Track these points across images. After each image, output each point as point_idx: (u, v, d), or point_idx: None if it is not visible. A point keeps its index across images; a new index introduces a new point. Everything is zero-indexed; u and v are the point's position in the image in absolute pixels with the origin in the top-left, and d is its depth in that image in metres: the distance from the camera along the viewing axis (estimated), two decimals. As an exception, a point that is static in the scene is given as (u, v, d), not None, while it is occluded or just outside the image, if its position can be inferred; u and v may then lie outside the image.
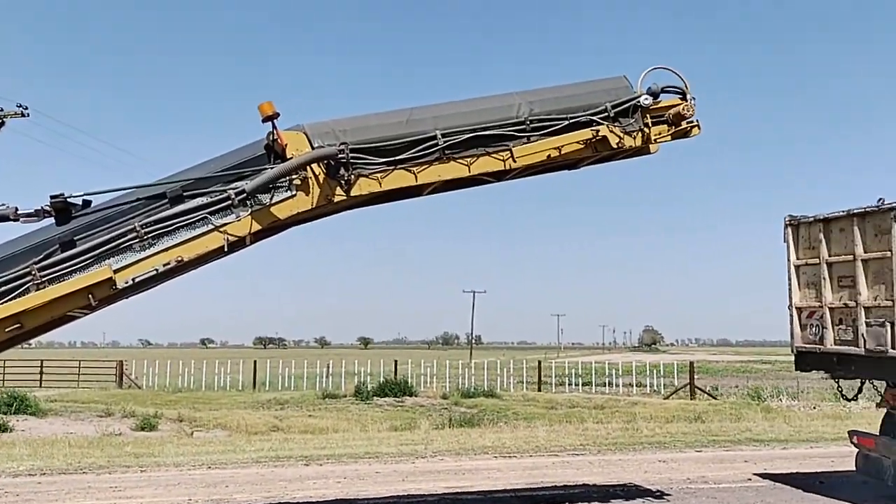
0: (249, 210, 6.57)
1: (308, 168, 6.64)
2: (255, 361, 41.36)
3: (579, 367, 42.98)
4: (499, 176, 7.42)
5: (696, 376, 32.39)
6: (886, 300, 8.17)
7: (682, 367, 37.84)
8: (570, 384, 38.15)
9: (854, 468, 9.61)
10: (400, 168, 6.88)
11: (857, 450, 9.46)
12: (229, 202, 6.49)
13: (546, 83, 8.28)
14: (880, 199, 8.37)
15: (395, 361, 39.23)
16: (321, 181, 6.71)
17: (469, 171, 7.04)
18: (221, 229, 6.49)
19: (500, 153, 7.03)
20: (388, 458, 12.89)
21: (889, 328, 8.10)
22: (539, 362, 41.36)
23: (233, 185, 6.55)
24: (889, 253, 8.12)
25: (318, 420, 22.79)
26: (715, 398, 28.53)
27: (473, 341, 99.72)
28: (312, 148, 6.69)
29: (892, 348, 8.07)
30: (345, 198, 6.80)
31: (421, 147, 6.88)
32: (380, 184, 6.85)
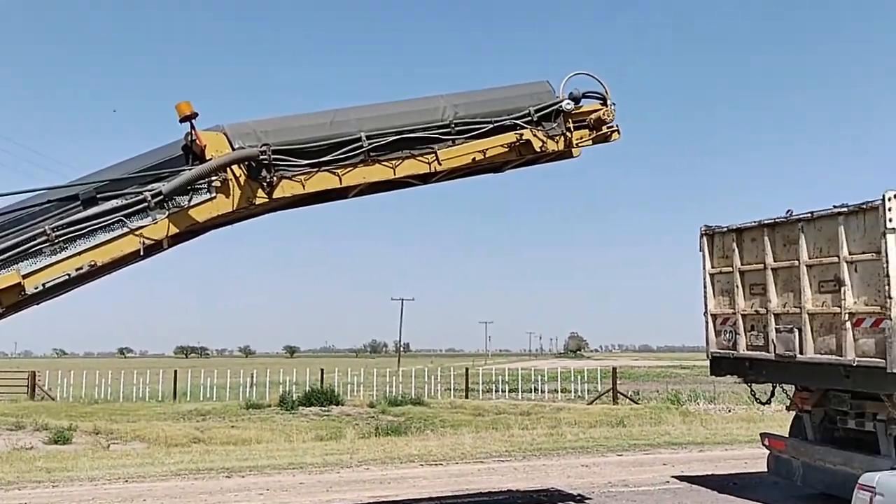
0: (167, 212, 6.40)
1: (228, 170, 6.51)
2: (175, 371, 40.22)
3: (506, 374, 43.31)
4: (425, 178, 7.45)
5: (618, 382, 33.09)
6: (794, 307, 8.53)
7: (605, 373, 38.58)
8: (497, 391, 38.45)
9: (766, 469, 9.98)
10: (324, 170, 6.82)
11: (768, 451, 9.83)
12: (145, 204, 6.31)
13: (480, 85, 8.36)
14: (788, 211, 8.74)
15: (322, 370, 38.76)
16: (242, 183, 6.59)
17: (394, 174, 7.04)
18: (137, 232, 6.31)
19: (426, 156, 7.06)
20: (313, 468, 12.73)
21: (797, 334, 8.46)
22: (466, 369, 41.56)
23: (149, 187, 6.37)
24: (797, 262, 8.48)
25: (241, 431, 22.29)
26: (636, 403, 29.20)
27: (402, 349, 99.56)
28: (233, 149, 6.56)
29: (800, 353, 8.43)
30: (267, 200, 6.70)
31: (345, 149, 6.84)
32: (303, 186, 6.77)
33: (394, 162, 7.00)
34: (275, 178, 6.63)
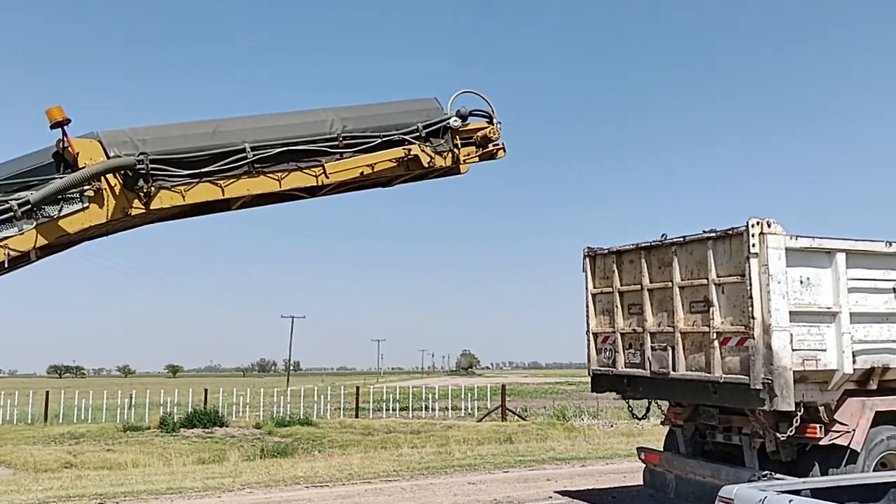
0: (35, 223, 6.10)
1: (102, 179, 6.26)
2: (47, 392, 37.97)
3: (397, 392, 43.21)
4: (312, 192, 7.40)
5: (507, 398, 33.58)
6: (668, 327, 8.93)
7: (495, 391, 39.08)
8: (387, 409, 38.23)
9: (643, 482, 10.36)
10: (205, 181, 6.66)
11: (644, 465, 10.21)
12: (11, 214, 6.00)
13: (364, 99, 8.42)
14: (663, 235, 9.16)
15: (206, 390, 37.45)
16: (117, 193, 6.35)
17: (280, 186, 6.97)
18: (2, 243, 5.98)
19: (313, 169, 7.03)
20: (193, 492, 12.27)
21: (670, 352, 8.85)
22: (357, 388, 41.13)
23: (16, 196, 6.05)
24: (670, 283, 8.90)
25: (117, 455, 21.23)
26: (524, 419, 29.71)
27: (291, 368, 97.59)
28: (108, 157, 6.32)
29: (673, 370, 8.83)
30: (144, 211, 6.48)
31: (229, 160, 6.71)
32: (183, 197, 6.60)
33: (280, 174, 6.93)
34: (152, 189, 6.42)
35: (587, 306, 10.39)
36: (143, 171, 6.36)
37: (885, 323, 8.47)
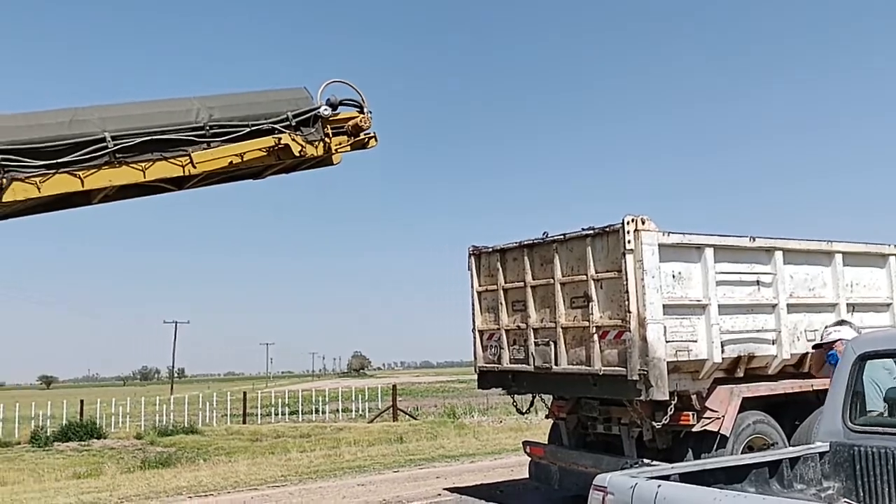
0: None
1: None
2: None
3: (286, 396, 42.44)
4: (179, 183, 7.15)
5: (399, 398, 33.59)
6: (550, 322, 9.15)
7: (386, 391, 39.08)
8: (277, 414, 37.51)
9: (528, 475, 10.57)
10: (63, 171, 6.32)
11: (530, 458, 10.42)
12: None
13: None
14: (545, 233, 9.38)
15: (82, 401, 35.57)
16: None
17: (144, 177, 6.70)
18: None
19: (179, 158, 6.81)
20: (65, 509, 11.62)
21: (553, 347, 9.07)
22: (245, 393, 40.14)
23: None
24: (552, 280, 9.12)
25: (-19, 473, 19.86)
26: (415, 419, 29.80)
27: (176, 375, 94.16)
28: None
29: (556, 365, 9.05)
30: None
31: (88, 149, 6.39)
32: (38, 189, 6.23)
33: (143, 164, 6.66)
34: (4, 181, 6.04)
35: (472, 304, 10.51)
36: None
37: (750, 314, 8.97)
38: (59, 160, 6.30)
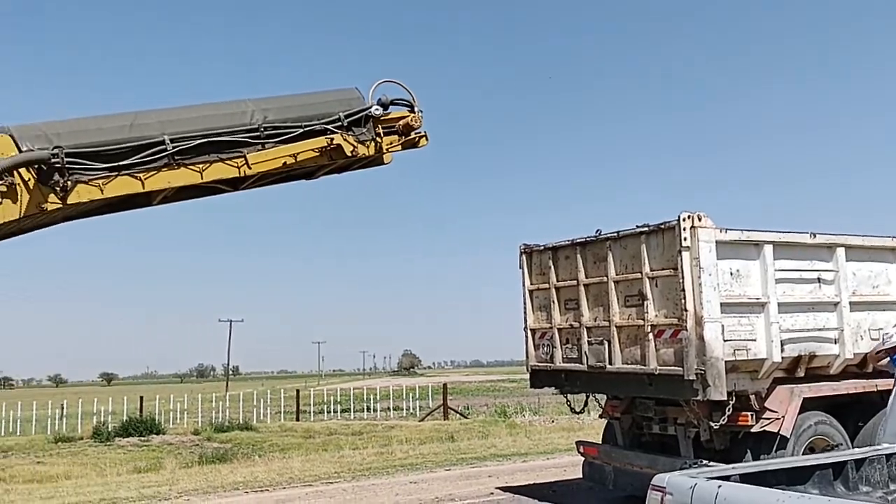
0: None
1: (15, 173, 6.04)
2: (-28, 405, 36.52)
3: (338, 394, 42.88)
4: (235, 184, 7.28)
5: (449, 397, 33.66)
6: (604, 321, 9.05)
7: (436, 390, 39.14)
8: (329, 412, 37.95)
9: (581, 475, 10.49)
10: (125, 174, 6.48)
11: (583, 458, 10.34)
12: None
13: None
14: (598, 231, 9.28)
15: (141, 398, 36.53)
16: (31, 188, 6.13)
17: (202, 178, 6.83)
18: None
19: (235, 160, 6.92)
20: (127, 502, 11.93)
21: (606, 346, 8.98)
22: (297, 391, 40.69)
23: None
24: (605, 278, 9.02)
25: (47, 467, 20.53)
26: (466, 417, 29.82)
27: (231, 372, 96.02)
28: (20, 151, 6.09)
29: (610, 364, 8.96)
30: (60, 206, 6.27)
31: (147, 152, 6.55)
32: (101, 191, 6.41)
33: (200, 166, 6.79)
34: (69, 183, 6.21)
35: (524, 303, 10.47)
36: (59, 165, 6.16)
37: (811, 312, 8.75)
38: (121, 163, 6.47)
